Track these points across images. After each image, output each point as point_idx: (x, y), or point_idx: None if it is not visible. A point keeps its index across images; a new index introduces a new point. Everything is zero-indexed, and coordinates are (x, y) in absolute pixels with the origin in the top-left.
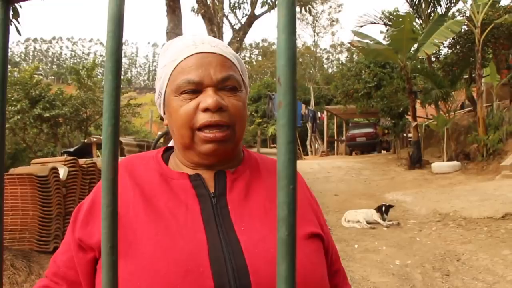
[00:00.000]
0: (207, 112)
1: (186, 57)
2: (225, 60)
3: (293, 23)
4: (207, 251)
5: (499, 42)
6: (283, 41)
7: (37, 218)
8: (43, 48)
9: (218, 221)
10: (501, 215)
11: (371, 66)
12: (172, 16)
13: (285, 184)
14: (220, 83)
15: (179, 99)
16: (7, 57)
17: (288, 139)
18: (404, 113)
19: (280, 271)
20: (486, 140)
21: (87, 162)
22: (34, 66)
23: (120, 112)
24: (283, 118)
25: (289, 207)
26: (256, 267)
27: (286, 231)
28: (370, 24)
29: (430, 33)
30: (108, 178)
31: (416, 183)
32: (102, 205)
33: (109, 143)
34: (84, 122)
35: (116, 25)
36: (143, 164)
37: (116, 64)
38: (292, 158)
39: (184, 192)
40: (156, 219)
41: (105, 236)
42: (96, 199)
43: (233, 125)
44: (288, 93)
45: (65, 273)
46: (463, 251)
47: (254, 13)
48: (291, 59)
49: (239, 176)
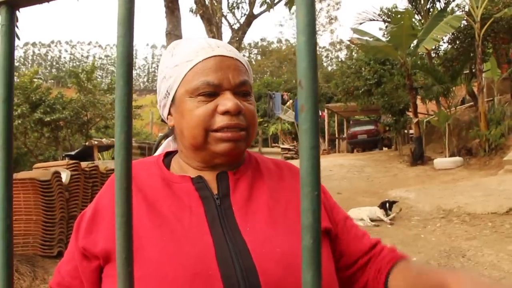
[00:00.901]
0: (226, 115)
1: (204, 59)
2: (241, 65)
3: (313, 24)
4: (214, 253)
5: (499, 37)
6: (303, 43)
7: (41, 222)
8: (42, 52)
9: (223, 223)
10: (505, 210)
11: (371, 63)
12: (171, 17)
13: (309, 191)
14: (237, 87)
15: (195, 100)
16: (13, 61)
17: (311, 144)
18: (405, 109)
19: (306, 279)
20: (488, 135)
21: (89, 165)
22: (34, 70)
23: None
24: (305, 123)
25: (314, 215)
26: (264, 267)
27: (311, 239)
28: (369, 21)
29: (430, 29)
30: (122, 187)
31: (419, 179)
32: (116, 215)
33: (122, 151)
34: (84, 125)
35: (127, 29)
36: (144, 170)
37: (128, 69)
38: (316, 164)
39: (187, 195)
40: (160, 224)
41: (120, 247)
42: (99, 206)
43: (248, 128)
44: (310, 96)
45: (70, 283)
46: (468, 247)
47: (252, 13)
48: (312, 61)
49: (241, 176)
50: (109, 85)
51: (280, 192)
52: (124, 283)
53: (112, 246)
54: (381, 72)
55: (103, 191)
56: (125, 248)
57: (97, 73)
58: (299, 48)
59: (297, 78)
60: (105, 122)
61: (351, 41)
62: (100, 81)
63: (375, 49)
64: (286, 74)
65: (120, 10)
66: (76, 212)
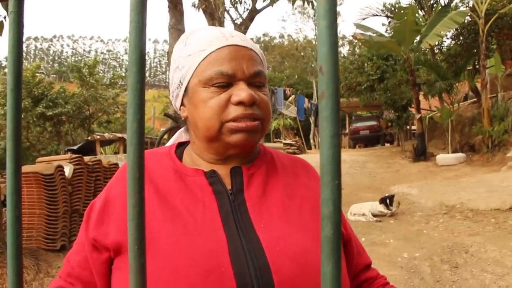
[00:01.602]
0: (240, 106)
1: (218, 48)
2: (255, 55)
3: (334, 9)
4: (228, 250)
5: (503, 33)
6: (324, 28)
7: (44, 216)
8: (44, 46)
9: (236, 219)
10: (508, 206)
11: (374, 58)
12: (174, 12)
13: (329, 180)
14: (251, 78)
15: (208, 91)
16: (22, 49)
17: (332, 132)
18: (408, 105)
19: (326, 271)
20: (491, 131)
21: (92, 159)
22: (36, 64)
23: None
24: (326, 110)
25: (335, 204)
26: (278, 266)
27: (331, 230)
28: (372, 17)
29: (433, 24)
30: (134, 176)
31: (421, 175)
32: (128, 206)
33: (135, 140)
34: (87, 120)
35: (139, 15)
36: (156, 161)
37: (140, 56)
38: (337, 152)
39: (200, 189)
40: (173, 217)
41: (132, 238)
42: (109, 196)
43: (262, 119)
44: (331, 82)
45: (80, 274)
46: (471, 243)
47: (255, 7)
48: (333, 46)
49: (255, 171)
50: (111, 80)
51: (295, 189)
52: (136, 274)
53: (123, 238)
54: (384, 68)
55: (114, 181)
56: (137, 239)
57: (99, 67)
58: (320, 33)
59: (318, 64)
60: (107, 117)
61: (354, 36)
62: (102, 76)
63: (378, 44)
64: (288, 69)
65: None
66: (79, 206)
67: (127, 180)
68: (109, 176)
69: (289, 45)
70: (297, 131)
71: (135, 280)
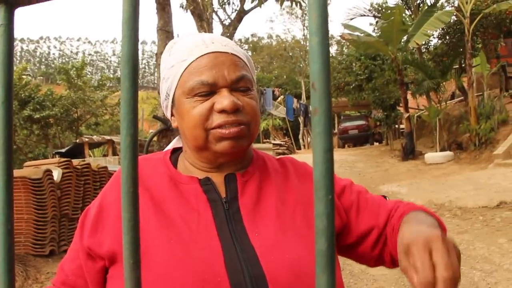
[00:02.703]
0: (223, 113)
1: (198, 57)
2: (237, 60)
3: (325, 26)
4: (223, 259)
5: (488, 32)
6: (316, 45)
7: (32, 221)
8: (31, 48)
9: (231, 228)
10: (495, 203)
11: (362, 58)
12: (162, 13)
13: (323, 195)
14: (234, 84)
15: (191, 101)
16: (12, 61)
17: (326, 147)
18: (396, 104)
19: (320, 283)
20: (478, 129)
21: (81, 163)
22: (22, 66)
23: (112, 111)
24: (319, 126)
25: (328, 218)
26: (273, 275)
27: (325, 243)
28: (360, 17)
29: (420, 24)
30: (129, 191)
31: (410, 174)
32: (123, 219)
33: (128, 153)
34: (75, 122)
35: (132, 28)
36: (150, 167)
37: (133, 70)
38: (330, 167)
39: (195, 197)
40: (167, 226)
41: (128, 252)
42: (104, 203)
43: (248, 124)
44: (324, 99)
45: (74, 282)
46: (460, 241)
47: (243, 8)
48: (325, 63)
49: (249, 178)
50: (99, 82)
51: (287, 193)
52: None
53: (118, 248)
54: (372, 68)
55: (108, 188)
56: (132, 253)
57: (87, 69)
58: (311, 50)
59: (310, 81)
60: (95, 119)
61: (342, 36)
62: (90, 78)
63: (365, 44)
64: (277, 70)
65: (125, 8)
66: (68, 210)
67: (121, 194)
68: (98, 179)
69: (277, 45)
70: (286, 132)
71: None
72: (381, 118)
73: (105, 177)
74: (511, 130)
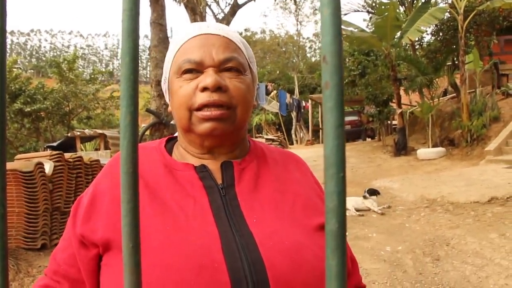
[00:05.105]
0: (206, 92)
1: (190, 38)
2: (229, 42)
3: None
4: (220, 245)
5: (481, 29)
6: (328, 16)
7: (23, 215)
8: (21, 41)
9: (228, 214)
10: (487, 199)
11: (355, 54)
12: (155, 6)
13: (334, 172)
14: (222, 64)
15: (180, 80)
16: (5, 53)
17: (337, 123)
18: (389, 100)
19: (331, 266)
20: (470, 125)
21: (73, 156)
22: (13, 59)
23: (104, 105)
24: (330, 100)
25: (339, 197)
26: (272, 261)
27: (336, 223)
28: (354, 12)
29: (414, 20)
30: (128, 171)
31: (403, 169)
32: (122, 202)
33: (128, 133)
34: (66, 116)
35: (133, 2)
36: (145, 155)
37: (134, 46)
38: (341, 143)
39: (190, 184)
40: (163, 212)
41: (126, 235)
42: (97, 191)
43: (234, 107)
44: (335, 72)
45: (67, 271)
46: (452, 236)
47: (237, 2)
48: (337, 35)
49: (246, 166)
50: (91, 75)
51: (287, 184)
52: (131, 273)
53: (112, 235)
54: (365, 63)
55: (102, 175)
56: (132, 237)
57: (79, 63)
58: (323, 22)
59: (321, 54)
60: (87, 113)
61: None
62: (81, 71)
63: (359, 40)
64: (270, 65)
65: None
66: (60, 203)
67: (120, 175)
68: (90, 173)
69: (270, 40)
70: (279, 127)
71: (130, 278)
72: (374, 113)
73: (97, 170)
74: (502, 127)
